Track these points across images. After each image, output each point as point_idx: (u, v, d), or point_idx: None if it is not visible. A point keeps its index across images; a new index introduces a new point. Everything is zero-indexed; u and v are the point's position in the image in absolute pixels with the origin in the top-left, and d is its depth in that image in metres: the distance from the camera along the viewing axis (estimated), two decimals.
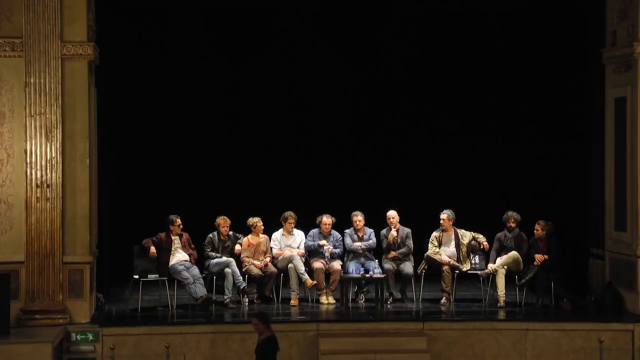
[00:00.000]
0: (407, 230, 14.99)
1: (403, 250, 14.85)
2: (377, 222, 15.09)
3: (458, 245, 14.90)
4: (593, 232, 15.31)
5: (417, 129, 17.12)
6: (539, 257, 14.51)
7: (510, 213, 14.82)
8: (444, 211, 14.92)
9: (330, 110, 16.92)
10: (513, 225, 14.78)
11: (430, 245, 14.94)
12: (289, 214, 14.97)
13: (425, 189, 16.70)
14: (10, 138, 13.32)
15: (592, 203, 15.40)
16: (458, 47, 16.71)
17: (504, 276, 14.50)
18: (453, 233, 14.92)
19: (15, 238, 13.31)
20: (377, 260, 14.78)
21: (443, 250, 14.87)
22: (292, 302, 14.61)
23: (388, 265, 14.71)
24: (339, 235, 14.99)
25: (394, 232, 14.85)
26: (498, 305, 14.40)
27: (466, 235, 14.92)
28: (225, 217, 14.80)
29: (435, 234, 14.98)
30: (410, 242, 14.92)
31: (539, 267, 14.45)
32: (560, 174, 16.37)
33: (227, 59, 16.69)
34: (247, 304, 14.60)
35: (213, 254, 14.67)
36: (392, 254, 14.83)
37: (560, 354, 13.42)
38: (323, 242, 14.82)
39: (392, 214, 14.98)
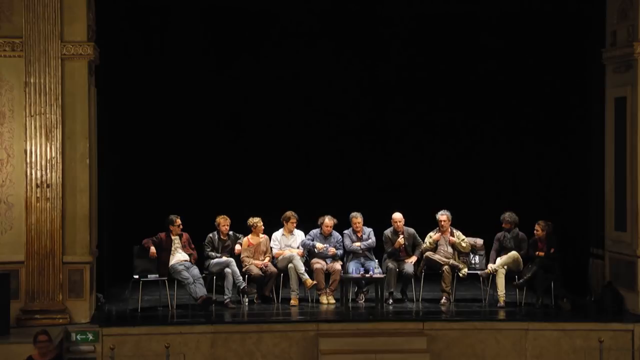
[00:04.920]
0: (412, 230, 14.99)
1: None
2: (377, 222, 15.08)
3: (455, 245, 14.89)
4: (593, 232, 15.32)
5: (417, 129, 17.13)
6: (540, 252, 14.50)
7: (504, 216, 14.80)
8: (442, 212, 14.88)
9: (331, 110, 16.93)
10: (507, 227, 14.78)
11: (426, 245, 14.92)
12: (291, 213, 14.97)
13: (424, 189, 16.69)
14: (10, 138, 13.32)
15: (592, 203, 15.40)
16: (457, 47, 16.72)
17: (504, 276, 14.50)
18: (449, 234, 14.89)
19: (15, 238, 13.30)
20: (377, 260, 14.78)
21: (441, 251, 14.86)
22: (292, 302, 14.60)
23: (391, 265, 14.71)
24: (340, 237, 14.98)
25: (401, 240, 14.83)
26: (498, 305, 14.39)
27: (461, 237, 14.88)
28: (226, 217, 14.80)
29: (431, 234, 14.97)
30: (419, 240, 14.93)
31: (538, 267, 14.46)
32: (560, 174, 16.38)
33: (227, 59, 16.69)
34: (247, 304, 14.60)
35: (213, 253, 14.67)
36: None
37: (560, 354, 13.42)
38: (319, 245, 14.79)
39: (398, 217, 14.91)
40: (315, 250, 14.79)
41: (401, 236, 14.85)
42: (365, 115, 17.12)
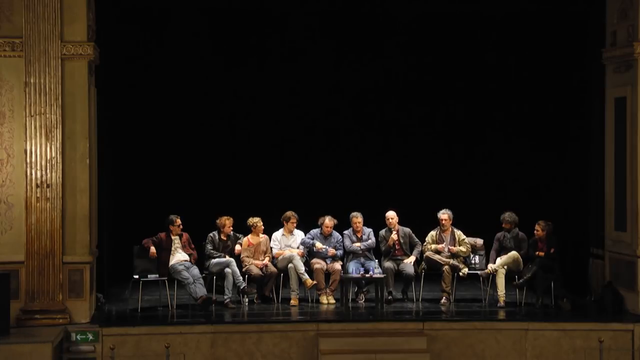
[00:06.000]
0: (408, 230, 15.00)
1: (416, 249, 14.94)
2: (376, 223, 15.07)
3: (455, 245, 14.88)
4: (593, 232, 15.32)
5: (417, 129, 17.13)
6: (540, 252, 14.50)
7: (504, 216, 14.81)
8: (444, 211, 14.89)
9: (331, 110, 16.92)
10: (507, 227, 14.78)
11: (426, 245, 14.91)
12: (291, 214, 14.97)
13: (425, 189, 16.69)
14: (10, 138, 13.32)
15: (592, 203, 15.40)
16: (457, 47, 16.71)
17: (504, 276, 14.50)
18: (450, 233, 14.91)
19: (15, 238, 13.30)
20: (377, 260, 14.78)
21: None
22: (292, 302, 14.60)
23: (389, 264, 14.71)
24: (340, 237, 14.98)
25: (394, 236, 14.84)
26: (498, 305, 14.39)
27: (462, 237, 14.88)
28: (230, 218, 14.78)
29: (432, 232, 14.98)
30: (416, 240, 14.93)
31: (538, 267, 14.46)
32: (560, 174, 16.38)
33: (227, 59, 16.68)
34: (247, 304, 14.60)
35: (214, 252, 14.66)
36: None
37: (560, 354, 13.42)
38: (319, 245, 14.79)
39: (391, 215, 14.95)
40: (314, 249, 14.79)
41: (394, 232, 14.84)
42: (366, 115, 17.11)
